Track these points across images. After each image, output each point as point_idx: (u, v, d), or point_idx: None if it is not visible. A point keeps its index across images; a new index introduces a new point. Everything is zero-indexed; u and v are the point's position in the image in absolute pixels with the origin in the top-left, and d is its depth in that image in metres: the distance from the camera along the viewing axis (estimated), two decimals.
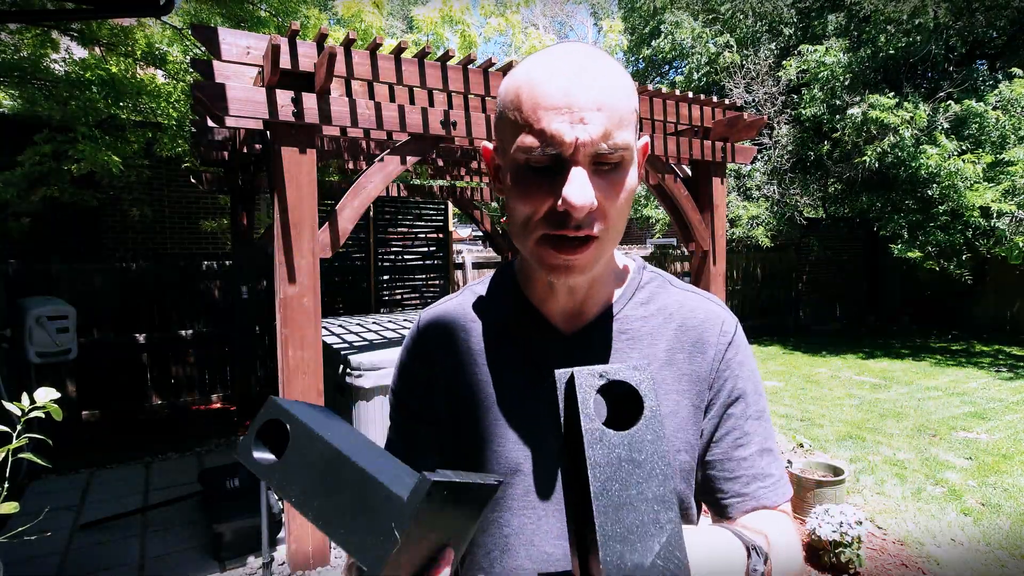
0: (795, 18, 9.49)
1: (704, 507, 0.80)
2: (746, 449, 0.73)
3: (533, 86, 0.61)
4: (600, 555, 0.35)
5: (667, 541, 0.36)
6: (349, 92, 2.85)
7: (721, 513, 0.74)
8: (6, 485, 1.34)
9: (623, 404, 0.40)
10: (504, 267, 0.84)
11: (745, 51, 9.45)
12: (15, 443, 1.27)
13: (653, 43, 10.74)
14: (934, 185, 7.28)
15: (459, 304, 0.83)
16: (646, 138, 0.71)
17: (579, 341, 0.74)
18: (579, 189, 0.59)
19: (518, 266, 0.81)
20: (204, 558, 3.07)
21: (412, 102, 3.00)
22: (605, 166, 0.62)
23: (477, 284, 0.85)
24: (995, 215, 7.06)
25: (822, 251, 10.91)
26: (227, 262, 6.03)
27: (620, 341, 0.74)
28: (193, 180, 5.08)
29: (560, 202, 0.60)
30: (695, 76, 9.86)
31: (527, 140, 0.61)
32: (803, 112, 8.35)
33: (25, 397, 1.30)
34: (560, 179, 0.60)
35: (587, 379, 0.40)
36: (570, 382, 0.41)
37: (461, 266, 8.01)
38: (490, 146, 0.73)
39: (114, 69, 4.58)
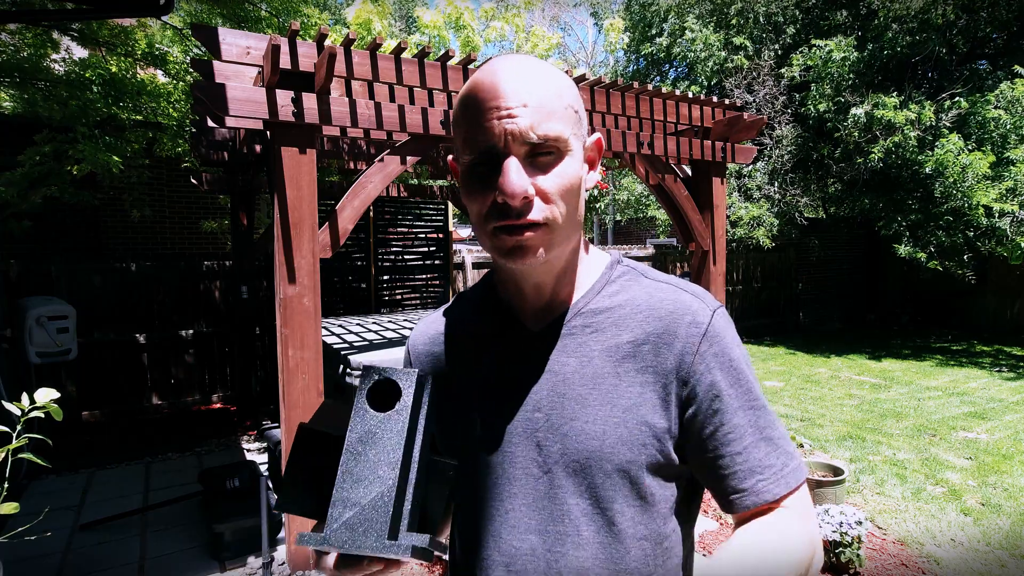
0: (799, 16, 9.48)
1: (698, 508, 0.81)
2: (739, 443, 0.70)
3: (469, 96, 0.68)
4: (334, 490, 0.48)
5: (384, 490, 0.48)
6: (349, 92, 2.84)
7: (729, 510, 0.72)
8: (6, 485, 1.34)
9: (393, 395, 0.52)
10: (490, 272, 0.86)
11: (748, 54, 9.45)
12: (15, 443, 1.27)
13: (657, 41, 10.71)
14: (937, 184, 7.28)
15: (447, 312, 0.88)
16: (598, 134, 0.76)
17: (543, 337, 0.76)
18: (511, 178, 0.64)
19: (497, 270, 0.84)
20: (204, 558, 3.07)
21: (412, 102, 3.00)
22: (542, 157, 0.66)
23: (468, 291, 0.90)
24: (997, 215, 7.06)
25: (822, 251, 10.91)
26: (227, 262, 6.03)
27: (583, 335, 0.75)
28: (193, 180, 5.08)
29: (498, 194, 0.65)
30: (705, 84, 9.84)
31: (466, 145, 0.68)
32: (810, 108, 8.32)
33: (25, 397, 1.30)
34: (497, 173, 0.65)
35: (370, 372, 0.53)
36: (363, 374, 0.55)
37: (461, 266, 8.01)
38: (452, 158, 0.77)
39: (114, 69, 4.58)
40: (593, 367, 0.73)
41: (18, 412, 1.29)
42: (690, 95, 3.75)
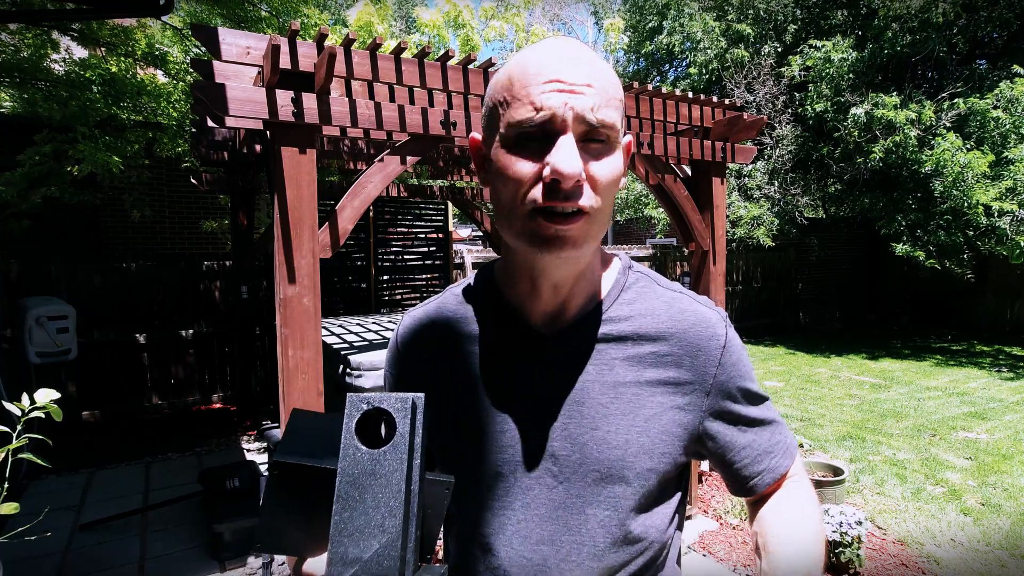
0: (799, 15, 9.48)
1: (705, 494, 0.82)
2: (752, 434, 0.77)
3: (525, 67, 0.63)
4: (329, 545, 0.42)
5: (386, 541, 0.42)
6: (349, 92, 2.84)
7: (748, 493, 0.79)
8: (6, 485, 1.34)
9: (385, 426, 0.46)
10: (484, 268, 0.83)
11: (748, 50, 9.45)
12: (15, 443, 1.27)
13: (657, 39, 10.69)
14: (937, 183, 7.28)
15: (437, 308, 0.82)
16: (629, 136, 0.72)
17: (559, 343, 0.73)
18: (568, 156, 0.60)
19: (499, 267, 0.80)
20: (204, 558, 3.07)
21: (412, 102, 3.00)
22: (594, 143, 0.63)
23: (458, 286, 0.84)
24: (996, 214, 7.06)
25: (822, 251, 10.91)
26: (227, 262, 6.03)
27: (603, 342, 0.73)
28: (193, 180, 5.08)
29: (548, 170, 0.61)
30: (704, 72, 9.82)
31: (519, 113, 0.62)
32: (808, 108, 8.32)
33: (25, 397, 1.30)
34: (548, 149, 0.61)
35: (355, 402, 0.45)
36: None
37: (461, 266, 8.02)
38: (479, 137, 0.72)
39: (114, 69, 4.58)
40: (614, 376, 0.71)
41: (18, 412, 1.29)
42: (690, 95, 3.75)
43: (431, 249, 7.74)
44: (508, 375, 0.74)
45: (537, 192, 0.62)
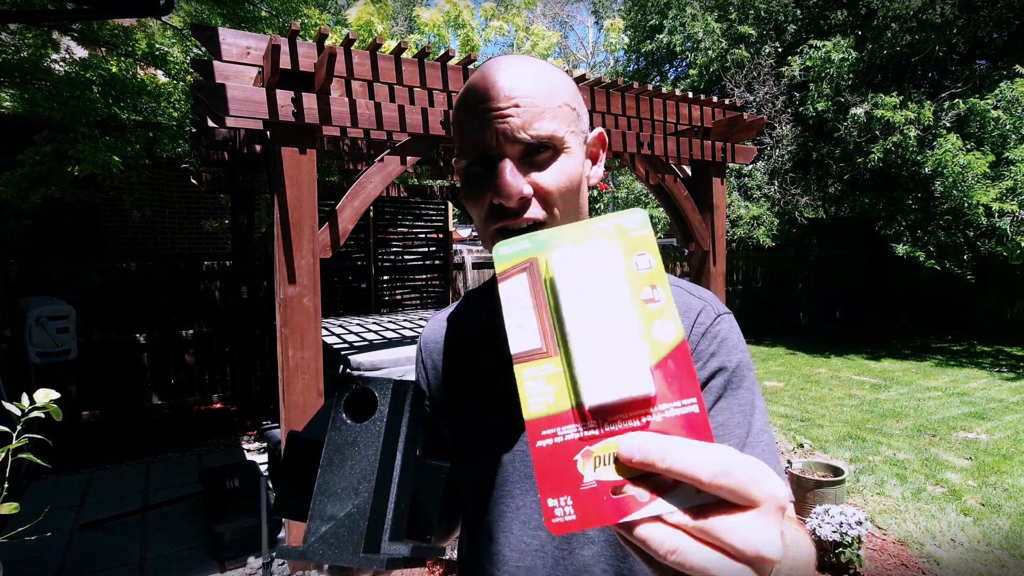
0: (799, 15, 9.49)
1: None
2: (727, 441, 0.66)
3: (460, 101, 0.69)
4: (311, 504, 0.48)
5: (359, 503, 0.47)
6: (349, 92, 2.84)
7: None
8: (6, 485, 1.34)
9: (371, 404, 0.51)
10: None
11: (749, 51, 9.45)
12: (15, 443, 1.27)
13: (657, 37, 10.68)
14: (937, 183, 7.28)
15: (456, 310, 0.89)
16: (600, 129, 0.75)
17: None
18: (506, 179, 0.64)
19: None
20: (204, 558, 3.08)
21: (412, 102, 3.00)
22: (538, 155, 0.66)
23: (476, 289, 0.90)
24: (997, 214, 7.07)
25: (822, 251, 10.91)
26: (227, 262, 6.03)
27: None
28: (193, 180, 5.08)
29: (494, 196, 0.65)
30: (704, 73, 9.81)
31: (461, 148, 0.68)
32: (809, 108, 8.33)
33: (25, 397, 1.30)
34: (493, 175, 0.65)
35: (347, 382, 0.51)
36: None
37: (461, 266, 8.02)
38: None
39: (114, 69, 4.59)
40: None
41: (18, 412, 1.29)
42: (690, 95, 3.75)
43: (431, 249, 7.74)
44: (503, 374, 0.77)
45: (492, 213, 0.67)
